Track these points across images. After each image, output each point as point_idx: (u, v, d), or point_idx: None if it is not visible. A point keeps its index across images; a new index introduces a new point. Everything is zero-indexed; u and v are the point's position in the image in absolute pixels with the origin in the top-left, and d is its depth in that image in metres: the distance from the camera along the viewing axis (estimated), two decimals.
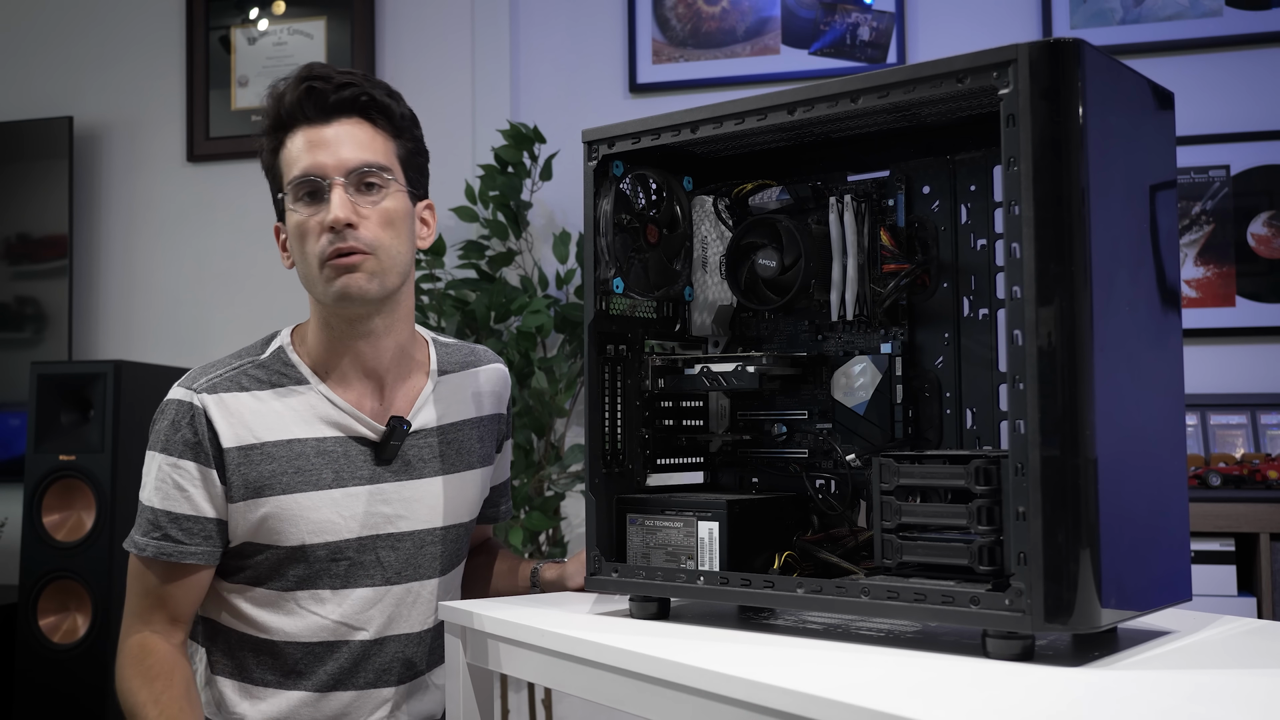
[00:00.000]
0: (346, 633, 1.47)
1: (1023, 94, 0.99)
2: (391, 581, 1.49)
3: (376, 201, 1.45)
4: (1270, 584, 2.30)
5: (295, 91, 1.45)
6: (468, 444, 1.57)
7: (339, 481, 1.45)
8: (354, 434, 1.48)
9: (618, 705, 1.11)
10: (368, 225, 1.43)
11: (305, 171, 1.43)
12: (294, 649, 1.46)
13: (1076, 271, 0.97)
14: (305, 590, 1.45)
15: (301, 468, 1.44)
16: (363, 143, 1.45)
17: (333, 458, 1.46)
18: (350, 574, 1.46)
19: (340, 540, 1.45)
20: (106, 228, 3.54)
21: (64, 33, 3.61)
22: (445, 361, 1.59)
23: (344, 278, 1.42)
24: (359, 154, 1.44)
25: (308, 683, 1.46)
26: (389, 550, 1.48)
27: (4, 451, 3.40)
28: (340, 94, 1.45)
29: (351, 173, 1.43)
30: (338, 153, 1.43)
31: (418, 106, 1.64)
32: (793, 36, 3.07)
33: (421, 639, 1.53)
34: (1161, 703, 0.87)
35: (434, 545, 1.52)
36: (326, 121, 1.45)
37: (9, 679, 2.85)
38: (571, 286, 3.03)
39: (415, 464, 1.51)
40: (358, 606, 1.47)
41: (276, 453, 1.43)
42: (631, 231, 1.34)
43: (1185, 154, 2.74)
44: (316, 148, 1.44)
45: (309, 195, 1.44)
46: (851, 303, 1.30)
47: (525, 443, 2.86)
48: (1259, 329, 2.76)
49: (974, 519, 1.05)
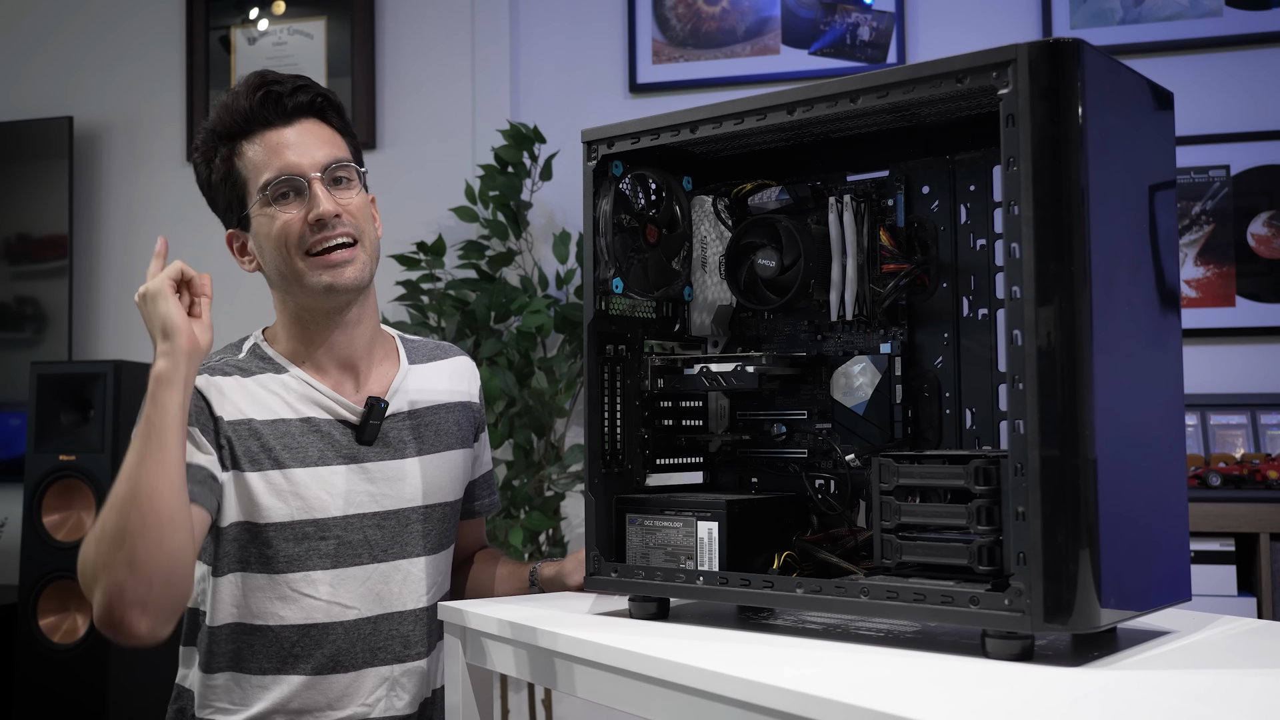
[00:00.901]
0: (339, 613, 1.48)
1: (1022, 94, 0.99)
2: (379, 559, 1.51)
3: (349, 194, 1.51)
4: (1270, 584, 2.30)
5: (251, 98, 1.48)
6: (444, 426, 1.61)
7: (324, 459, 1.49)
8: (336, 415, 1.52)
9: (618, 705, 1.11)
10: (349, 215, 1.49)
11: (280, 171, 1.47)
12: (289, 633, 1.47)
13: (1076, 271, 0.97)
14: (297, 572, 1.47)
15: (289, 444, 1.47)
16: (326, 140, 1.51)
17: (318, 435, 1.50)
18: (339, 553, 1.48)
19: (328, 517, 1.48)
20: (106, 228, 3.54)
21: (64, 33, 3.62)
22: (413, 354, 1.64)
23: (336, 270, 1.47)
24: (328, 150, 1.50)
25: (305, 665, 1.47)
26: (375, 528, 1.51)
27: (4, 451, 3.40)
28: (296, 98, 1.50)
29: (326, 169, 1.48)
30: (308, 151, 1.48)
31: (418, 106, 1.65)
32: (793, 36, 3.07)
33: (417, 618, 1.54)
34: (1161, 703, 0.87)
35: (418, 523, 1.55)
36: (287, 123, 1.49)
37: (9, 679, 2.85)
38: (571, 286, 3.03)
39: (395, 444, 1.55)
40: (348, 585, 1.49)
41: (265, 430, 1.47)
42: (631, 231, 1.34)
43: (1185, 154, 2.74)
44: (285, 149, 1.48)
45: (283, 196, 1.47)
46: (851, 303, 1.30)
47: (525, 443, 2.86)
48: (1259, 329, 2.76)
49: (973, 519, 1.05)
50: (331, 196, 1.47)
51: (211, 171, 1.53)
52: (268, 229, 1.48)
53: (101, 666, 2.67)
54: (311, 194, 1.46)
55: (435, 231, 3.14)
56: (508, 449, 2.96)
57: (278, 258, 1.48)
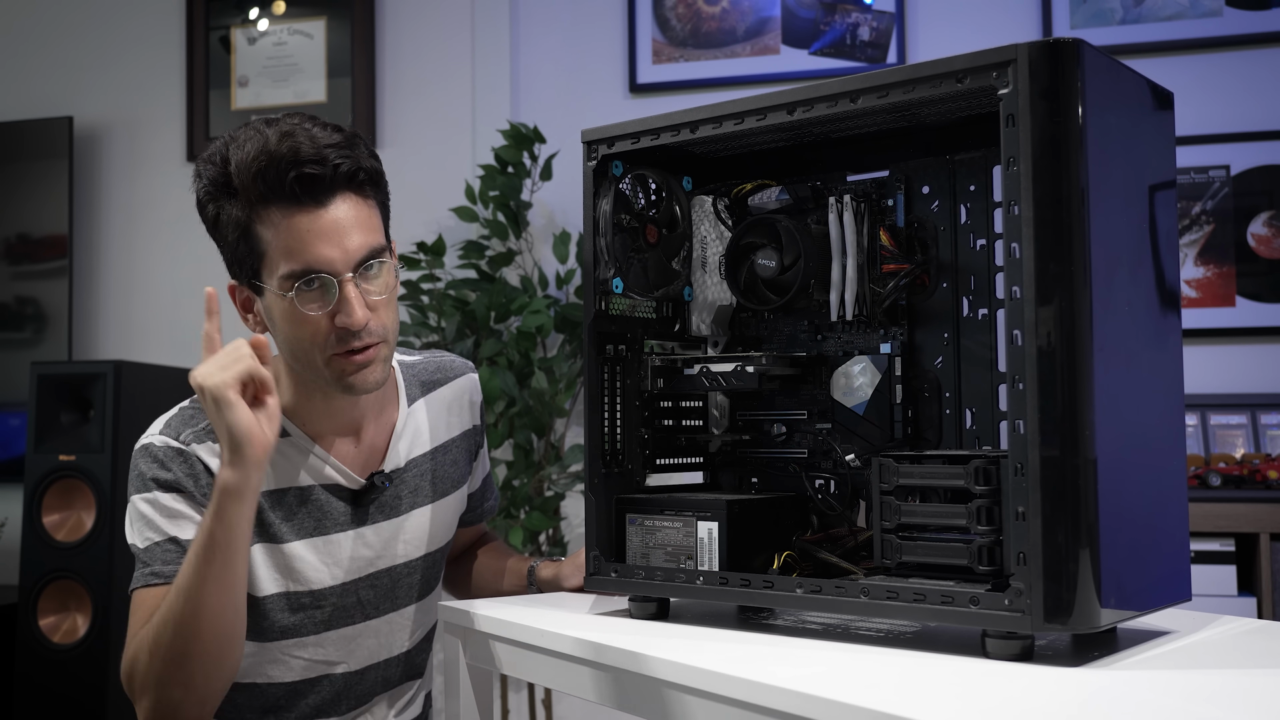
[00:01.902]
0: (327, 669, 1.47)
1: (1022, 94, 0.99)
2: (370, 616, 1.48)
3: (378, 285, 1.36)
4: (1270, 584, 2.30)
5: (284, 174, 1.29)
6: (442, 470, 1.55)
7: (321, 529, 1.43)
8: (334, 483, 1.45)
9: (618, 705, 1.11)
10: (377, 316, 1.35)
11: (310, 267, 1.31)
12: (276, 689, 1.45)
13: (1076, 271, 0.97)
14: (289, 639, 1.44)
15: (287, 517, 1.42)
16: (363, 223, 1.34)
17: (315, 506, 1.43)
18: (332, 618, 1.45)
19: (324, 588, 1.44)
20: (106, 228, 3.54)
21: (64, 33, 3.61)
22: (412, 386, 1.55)
23: (357, 374, 1.36)
24: (364, 240, 1.34)
25: (290, 715, 1.46)
26: (368, 589, 1.47)
27: (4, 451, 3.40)
28: (336, 174, 1.32)
29: (359, 265, 1.33)
30: (343, 243, 1.32)
31: (418, 107, 1.64)
32: (793, 36, 3.07)
33: (402, 659, 1.53)
34: (1161, 703, 0.87)
35: (413, 575, 1.51)
36: (320, 205, 1.32)
37: (9, 679, 2.85)
38: (571, 286, 3.03)
39: (392, 504, 1.49)
40: (338, 645, 1.46)
41: (263, 502, 1.40)
42: (631, 231, 1.34)
43: (1185, 154, 2.74)
44: (318, 239, 1.31)
45: (308, 288, 1.32)
46: (851, 303, 1.30)
47: (525, 443, 2.86)
48: (1259, 329, 2.76)
49: (973, 519, 1.05)
50: (361, 297, 1.33)
51: (221, 217, 1.35)
52: (286, 316, 1.34)
53: (101, 666, 2.67)
54: (342, 297, 1.31)
55: (435, 231, 3.14)
56: (508, 449, 2.96)
57: (294, 346, 1.36)
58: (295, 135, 1.31)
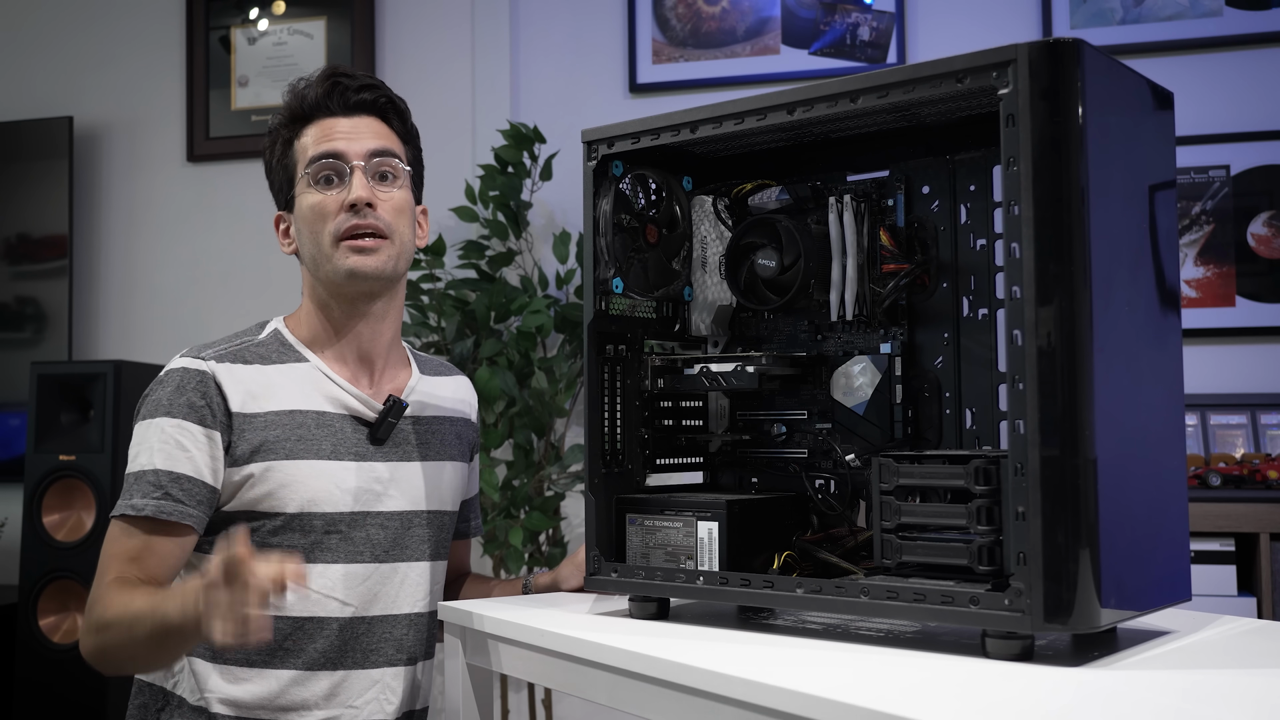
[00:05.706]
0: (336, 609, 1.47)
1: (1022, 94, 0.99)
2: (380, 559, 1.51)
3: (390, 190, 1.53)
4: (1270, 584, 2.30)
5: (320, 86, 1.54)
6: (446, 437, 1.62)
7: (335, 454, 1.49)
8: (350, 410, 1.52)
9: (618, 705, 1.11)
10: (384, 208, 1.51)
11: (325, 153, 1.51)
12: (283, 624, 1.45)
13: (1076, 271, 0.97)
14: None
15: (303, 436, 1.47)
16: (380, 134, 1.55)
17: (330, 430, 1.50)
18: (342, 549, 1.48)
19: (336, 512, 1.48)
20: (106, 228, 3.54)
21: (64, 33, 3.61)
22: (423, 366, 1.67)
23: (358, 256, 1.48)
24: (378, 141, 1.53)
25: (296, 660, 1.46)
26: (378, 528, 1.51)
27: (4, 451, 3.40)
28: (361, 94, 1.55)
29: (371, 157, 1.51)
30: (358, 139, 1.52)
31: (418, 106, 1.65)
32: (793, 36, 3.07)
33: (411, 622, 1.53)
34: (1161, 703, 0.87)
35: (420, 528, 1.55)
36: (346, 114, 1.54)
37: (9, 679, 2.85)
38: (571, 286, 3.03)
39: (403, 447, 1.56)
40: (348, 582, 1.48)
41: (279, 420, 1.47)
42: (631, 231, 1.34)
43: (1185, 154, 2.74)
44: (336, 135, 1.52)
45: (326, 179, 1.51)
46: (851, 303, 1.30)
47: (525, 443, 2.86)
48: (1259, 329, 2.76)
49: (973, 519, 1.05)
50: (370, 187, 1.50)
51: (273, 155, 1.58)
52: (307, 211, 1.51)
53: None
54: (351, 180, 1.49)
55: (435, 231, 3.14)
56: (508, 449, 2.96)
57: (310, 237, 1.51)
58: (338, 66, 1.58)
